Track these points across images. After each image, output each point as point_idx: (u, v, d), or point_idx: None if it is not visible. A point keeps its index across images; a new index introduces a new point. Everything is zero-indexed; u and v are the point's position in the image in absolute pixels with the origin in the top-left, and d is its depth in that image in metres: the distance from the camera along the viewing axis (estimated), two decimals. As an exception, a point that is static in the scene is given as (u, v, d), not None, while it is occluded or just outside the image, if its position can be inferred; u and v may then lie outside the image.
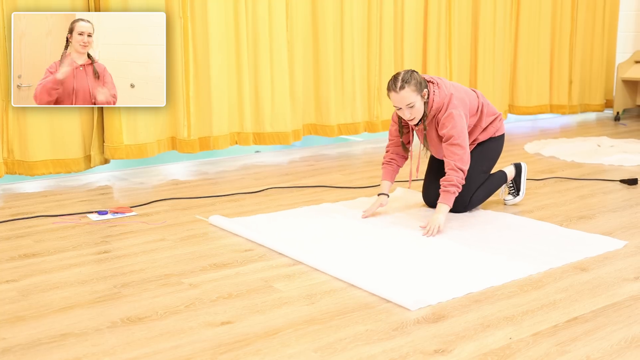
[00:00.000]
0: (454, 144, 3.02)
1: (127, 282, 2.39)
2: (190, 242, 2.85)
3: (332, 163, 4.59)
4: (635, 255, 2.64)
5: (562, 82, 6.58)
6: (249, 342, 1.93)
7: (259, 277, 2.44)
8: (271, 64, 4.60)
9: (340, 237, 2.90)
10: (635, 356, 1.82)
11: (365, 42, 5.13)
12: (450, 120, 3.03)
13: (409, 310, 2.12)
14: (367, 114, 5.23)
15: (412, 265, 2.53)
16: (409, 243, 2.80)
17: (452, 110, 3.04)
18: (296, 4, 4.70)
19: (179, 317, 2.10)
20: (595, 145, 5.11)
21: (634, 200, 3.50)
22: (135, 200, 3.54)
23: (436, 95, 3.06)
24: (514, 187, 3.42)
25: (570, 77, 6.64)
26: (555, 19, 6.45)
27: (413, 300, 2.14)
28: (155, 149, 4.18)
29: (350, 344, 1.91)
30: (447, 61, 5.66)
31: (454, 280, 2.37)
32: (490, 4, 5.89)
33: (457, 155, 3.01)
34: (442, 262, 2.57)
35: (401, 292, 2.22)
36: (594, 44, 6.80)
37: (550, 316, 2.08)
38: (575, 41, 6.61)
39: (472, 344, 1.90)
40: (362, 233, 2.97)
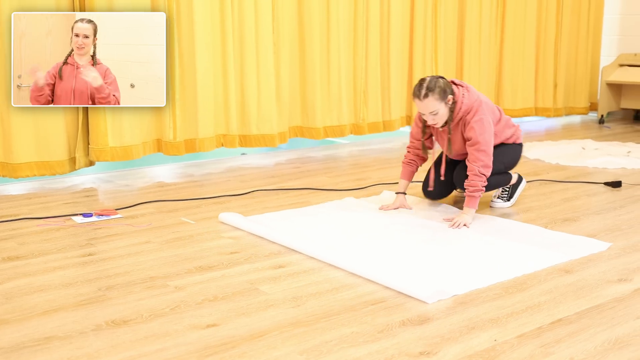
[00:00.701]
0: (480, 149, 3.11)
1: (112, 285, 2.38)
2: (176, 245, 2.84)
3: (318, 165, 4.59)
4: (619, 258, 2.66)
5: (547, 85, 6.63)
6: (235, 344, 1.92)
7: (245, 279, 2.43)
8: (257, 66, 4.60)
9: (349, 234, 2.96)
10: (618, 357, 1.84)
11: (352, 44, 5.14)
12: (480, 125, 3.12)
13: (394, 313, 2.12)
14: (353, 117, 5.24)
15: (398, 265, 2.54)
16: (398, 244, 2.82)
17: (482, 116, 3.13)
18: (282, 6, 4.70)
19: (164, 319, 2.09)
20: (580, 148, 5.15)
21: (617, 203, 3.53)
22: (121, 203, 3.52)
23: (465, 98, 3.15)
24: (507, 193, 3.44)
25: (555, 80, 6.69)
26: (540, 23, 6.50)
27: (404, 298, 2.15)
28: (140, 151, 4.16)
29: (335, 346, 1.91)
30: (434, 64, 5.68)
31: (439, 282, 2.37)
32: (476, 7, 5.92)
33: (482, 161, 3.10)
34: (425, 264, 2.57)
35: (397, 286, 2.23)
36: (579, 47, 6.85)
37: (535, 318, 2.09)
38: (560, 45, 6.66)
39: (457, 346, 1.90)
40: (370, 230, 3.03)
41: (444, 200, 3.53)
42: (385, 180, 4.05)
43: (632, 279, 2.42)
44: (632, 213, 3.32)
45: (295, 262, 2.62)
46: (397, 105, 5.47)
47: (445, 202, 3.51)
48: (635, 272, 2.50)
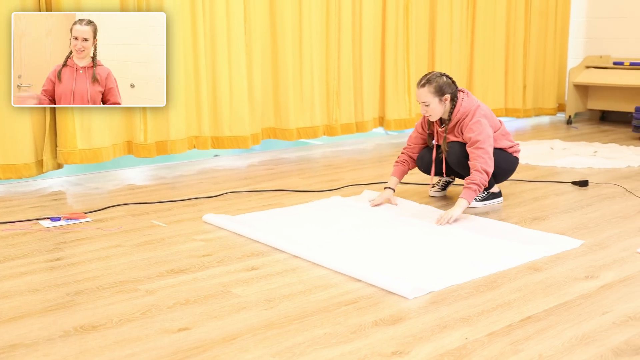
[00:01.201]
0: (480, 147, 3.20)
1: (80, 290, 2.35)
2: (147, 248, 2.81)
3: (291, 167, 4.59)
4: (586, 255, 2.70)
5: (517, 87, 6.71)
6: (206, 348, 1.91)
7: (217, 282, 2.42)
8: (229, 67, 4.58)
9: (333, 232, 2.99)
10: (585, 353, 1.86)
11: (324, 46, 5.15)
12: (479, 126, 3.24)
13: (367, 313, 2.13)
14: (326, 118, 5.25)
15: (376, 262, 2.55)
16: (382, 241, 2.85)
17: (480, 118, 3.25)
18: (254, 7, 4.69)
19: (134, 324, 2.07)
20: (549, 148, 5.22)
21: (584, 202, 3.58)
22: (90, 206, 3.48)
23: (464, 101, 3.30)
24: (483, 195, 3.48)
25: (524, 81, 6.78)
26: (510, 26, 6.58)
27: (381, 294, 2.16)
28: (110, 154, 4.12)
29: (308, 347, 1.91)
30: (405, 65, 5.71)
31: (414, 279, 2.39)
32: (447, 10, 5.98)
33: (483, 158, 3.18)
34: (401, 262, 2.59)
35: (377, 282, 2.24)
36: (547, 50, 6.95)
37: (505, 316, 2.11)
38: (529, 47, 6.75)
39: (429, 345, 1.92)
40: (353, 228, 3.06)
41: (430, 202, 3.55)
42: (359, 181, 4.06)
43: (598, 276, 2.46)
44: (599, 211, 3.37)
45: (268, 264, 2.61)
46: (369, 107, 5.50)
47: (432, 204, 3.54)
48: (601, 269, 2.54)
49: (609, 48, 6.98)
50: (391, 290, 2.31)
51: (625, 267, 2.56)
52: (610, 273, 2.50)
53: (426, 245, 2.82)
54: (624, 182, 4.04)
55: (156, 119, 4.27)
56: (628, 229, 3.07)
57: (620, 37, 6.90)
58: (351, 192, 3.79)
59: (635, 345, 1.91)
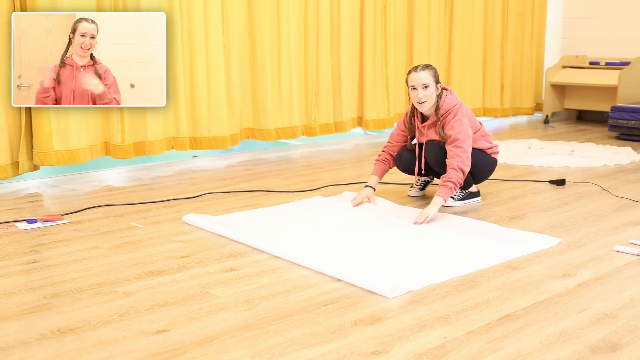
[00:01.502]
0: (459, 146, 3.22)
1: (57, 293, 2.32)
2: (125, 250, 2.79)
3: (270, 167, 4.58)
4: (563, 254, 2.73)
5: (494, 87, 6.76)
6: (185, 349, 1.90)
7: (196, 283, 2.41)
8: (207, 67, 4.56)
9: (314, 232, 3.00)
10: (563, 350, 1.88)
11: (302, 45, 5.14)
12: (460, 124, 3.26)
13: (346, 313, 2.13)
14: (305, 118, 5.25)
15: (356, 262, 2.55)
16: (360, 241, 2.86)
17: (461, 117, 3.28)
18: (232, 8, 4.68)
19: (112, 326, 2.05)
20: (526, 148, 5.26)
21: (562, 200, 3.62)
22: (67, 208, 3.45)
23: (448, 97, 3.33)
24: (460, 195, 3.49)
25: (501, 81, 6.83)
26: (487, 27, 6.62)
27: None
28: (87, 155, 4.09)
29: (288, 348, 1.91)
30: (384, 66, 5.73)
31: (393, 279, 2.39)
32: (425, 11, 6.00)
33: (460, 157, 3.20)
34: (380, 262, 2.59)
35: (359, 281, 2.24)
36: (524, 50, 7.01)
37: (484, 314, 2.13)
38: (506, 47, 6.80)
39: (408, 345, 1.92)
40: (332, 228, 3.07)
41: (410, 203, 3.56)
42: (338, 181, 4.07)
43: (575, 274, 2.48)
44: (576, 210, 3.40)
45: (247, 264, 2.60)
46: (348, 107, 5.50)
47: (412, 204, 3.55)
48: (578, 267, 2.56)
49: (585, 48, 7.06)
50: (371, 289, 2.31)
51: (602, 265, 2.58)
52: (587, 271, 2.52)
53: (405, 245, 2.82)
54: (601, 180, 4.09)
55: (133, 120, 4.24)
56: (605, 227, 3.10)
57: (596, 37, 6.97)
58: (330, 193, 3.79)
59: (611, 342, 1.93)
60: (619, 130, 5.77)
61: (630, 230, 3.05)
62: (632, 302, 2.22)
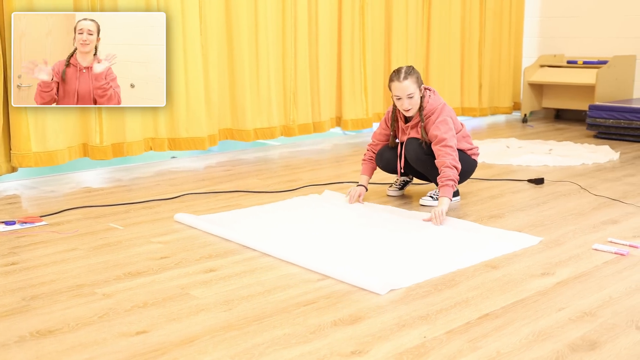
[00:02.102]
0: (447, 145, 3.25)
1: (36, 295, 2.30)
2: (104, 251, 2.77)
3: (249, 168, 4.57)
4: (542, 252, 2.75)
5: (473, 86, 6.80)
6: (165, 351, 1.89)
7: (175, 284, 2.40)
8: (185, 68, 4.54)
9: (299, 231, 3.03)
10: (542, 349, 1.90)
11: (280, 46, 5.14)
12: (445, 125, 3.29)
13: (326, 313, 2.14)
14: (283, 118, 5.24)
15: (339, 260, 2.56)
16: (343, 241, 2.87)
17: (446, 117, 3.30)
18: (210, 8, 4.66)
19: (91, 328, 2.04)
20: (505, 147, 5.30)
21: (540, 199, 3.65)
22: (46, 210, 3.42)
23: (431, 98, 3.35)
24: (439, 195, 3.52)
25: (480, 81, 6.87)
26: (465, 26, 6.66)
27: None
28: (66, 156, 4.05)
29: (268, 348, 1.90)
30: (362, 66, 5.74)
31: (373, 279, 2.40)
32: (402, 11, 6.02)
33: (451, 155, 3.24)
34: (360, 260, 2.60)
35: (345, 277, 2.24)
36: (502, 49, 7.05)
37: (463, 314, 2.14)
38: (484, 47, 6.84)
39: (387, 344, 1.93)
40: (317, 227, 3.09)
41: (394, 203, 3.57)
42: (317, 181, 4.07)
43: (554, 273, 2.51)
44: (554, 209, 3.44)
45: (227, 265, 2.60)
46: (326, 107, 5.51)
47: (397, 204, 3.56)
48: (557, 265, 2.59)
49: (562, 47, 7.13)
50: (360, 286, 2.32)
51: (580, 264, 2.61)
52: (566, 269, 2.55)
53: (385, 245, 2.83)
54: (579, 179, 4.13)
55: (112, 121, 4.21)
56: (583, 225, 3.13)
57: (574, 36, 7.05)
58: (309, 192, 3.79)
59: (590, 340, 1.95)
60: (597, 129, 5.83)
61: (609, 228, 3.09)
62: (610, 300, 2.25)
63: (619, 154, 4.99)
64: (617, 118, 5.66)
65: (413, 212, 3.33)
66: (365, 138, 5.87)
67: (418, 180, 3.89)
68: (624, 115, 5.62)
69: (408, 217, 3.26)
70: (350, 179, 4.13)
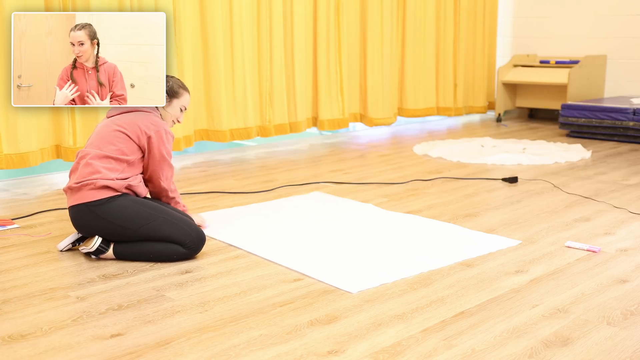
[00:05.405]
0: None
1: (8, 298, 2.27)
2: (78, 254, 2.74)
3: (225, 168, 4.55)
4: (516, 250, 2.78)
5: (448, 86, 6.84)
6: (140, 353, 1.88)
7: (151, 286, 2.38)
8: (160, 68, 4.50)
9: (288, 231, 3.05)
10: (517, 346, 1.92)
11: (256, 46, 5.13)
12: None
13: (302, 314, 2.14)
14: (259, 119, 5.23)
15: (316, 259, 2.56)
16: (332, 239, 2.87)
17: None
18: (184, 9, 4.63)
19: (65, 331, 2.01)
20: (479, 146, 5.34)
21: (514, 198, 3.68)
22: (18, 212, 3.37)
23: None
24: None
25: (454, 80, 6.91)
26: (439, 26, 6.70)
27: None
28: (38, 158, 4.00)
29: (244, 349, 1.90)
30: (337, 65, 5.75)
31: (348, 278, 2.40)
32: (377, 11, 6.04)
33: None
34: (336, 258, 2.60)
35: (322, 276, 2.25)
36: (476, 49, 7.11)
37: (439, 312, 2.15)
38: (459, 46, 6.89)
39: (364, 343, 1.93)
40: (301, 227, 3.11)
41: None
42: (294, 182, 4.07)
43: (528, 270, 2.53)
44: (528, 207, 3.47)
45: (202, 267, 2.58)
46: (302, 107, 5.50)
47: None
48: (531, 263, 2.62)
49: (535, 47, 7.20)
50: (332, 284, 2.34)
51: (553, 261, 2.64)
52: (539, 267, 2.57)
53: (360, 244, 2.84)
54: (552, 177, 4.18)
55: (85, 122, 4.17)
56: (556, 223, 3.17)
57: (546, 36, 7.12)
58: (286, 193, 3.79)
59: (563, 336, 1.98)
60: (569, 127, 5.90)
61: (581, 226, 3.12)
62: (582, 297, 2.28)
63: (591, 152, 5.05)
64: (588, 117, 5.73)
65: (394, 213, 3.35)
66: (342, 138, 5.88)
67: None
68: (596, 114, 5.69)
69: (388, 216, 3.27)
70: (327, 178, 4.14)
